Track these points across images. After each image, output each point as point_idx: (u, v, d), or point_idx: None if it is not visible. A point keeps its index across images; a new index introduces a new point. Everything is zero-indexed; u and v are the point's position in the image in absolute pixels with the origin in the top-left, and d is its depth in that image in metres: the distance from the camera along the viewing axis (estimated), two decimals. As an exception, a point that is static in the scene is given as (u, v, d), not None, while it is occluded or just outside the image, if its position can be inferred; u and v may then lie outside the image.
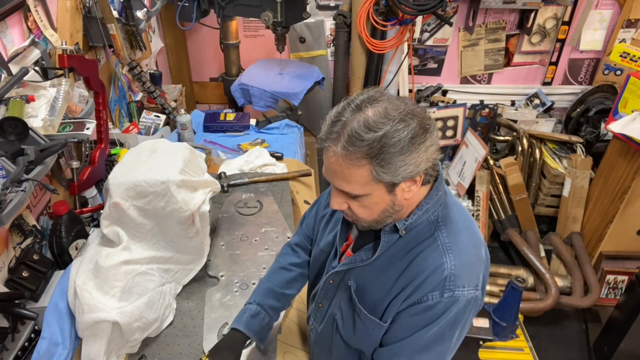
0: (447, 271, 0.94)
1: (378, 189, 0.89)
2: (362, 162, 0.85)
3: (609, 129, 2.54)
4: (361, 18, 2.75)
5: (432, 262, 0.95)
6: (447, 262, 0.94)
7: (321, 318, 1.20)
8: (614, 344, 2.44)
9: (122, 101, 2.38)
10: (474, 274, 0.97)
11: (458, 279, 0.94)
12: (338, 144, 0.86)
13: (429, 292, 0.94)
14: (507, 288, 2.36)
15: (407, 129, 0.84)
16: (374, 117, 0.84)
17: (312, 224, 1.31)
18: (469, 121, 3.34)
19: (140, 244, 1.42)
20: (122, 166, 1.45)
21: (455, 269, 0.94)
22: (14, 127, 1.28)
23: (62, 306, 1.35)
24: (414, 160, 0.85)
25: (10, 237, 1.43)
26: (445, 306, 0.94)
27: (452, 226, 0.98)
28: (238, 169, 2.05)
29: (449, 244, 0.96)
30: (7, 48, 1.50)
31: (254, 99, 2.72)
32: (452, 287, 0.93)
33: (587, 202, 2.96)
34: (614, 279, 2.84)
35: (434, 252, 0.96)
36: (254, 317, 1.21)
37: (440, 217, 0.98)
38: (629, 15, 3.04)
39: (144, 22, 2.27)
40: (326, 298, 1.16)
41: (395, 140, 0.83)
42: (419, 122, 0.85)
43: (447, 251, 0.95)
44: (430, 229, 0.98)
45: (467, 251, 0.97)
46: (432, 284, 0.94)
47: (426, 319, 0.96)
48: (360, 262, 1.05)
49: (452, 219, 0.99)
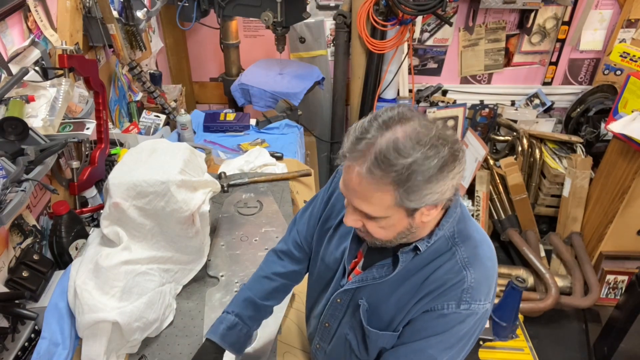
0: (466, 284, 0.92)
1: (398, 212, 0.85)
2: (387, 187, 0.80)
3: (609, 129, 2.54)
4: (361, 18, 2.75)
5: (452, 277, 0.93)
6: (468, 275, 0.93)
7: (329, 338, 1.16)
8: (614, 344, 2.44)
9: (122, 101, 2.38)
10: (490, 287, 0.96)
11: (476, 293, 0.93)
12: (363, 165, 0.80)
13: (445, 301, 0.93)
14: (507, 288, 2.36)
15: (437, 157, 0.78)
16: (404, 142, 0.78)
17: (304, 231, 1.24)
18: (469, 121, 3.34)
19: (140, 244, 1.42)
20: (122, 166, 1.45)
21: (475, 282, 0.93)
22: (14, 127, 1.28)
23: (62, 306, 1.34)
24: (441, 188, 0.81)
25: (10, 237, 1.43)
26: (459, 317, 0.93)
27: (469, 241, 0.96)
28: (238, 169, 2.05)
29: (467, 259, 0.94)
30: (7, 48, 1.50)
31: (254, 99, 2.72)
32: (470, 300, 0.92)
33: (587, 202, 2.96)
34: (614, 279, 2.84)
35: (454, 267, 0.94)
36: (230, 329, 1.18)
37: (456, 232, 0.96)
38: (629, 15, 3.04)
39: (144, 22, 2.27)
40: (334, 317, 1.12)
41: (424, 168, 0.78)
42: (450, 149, 0.80)
43: (467, 266, 0.93)
44: (447, 245, 0.95)
45: (486, 265, 0.96)
46: (450, 295, 0.93)
47: (436, 327, 0.95)
48: (372, 280, 1.01)
49: (468, 233, 0.97)
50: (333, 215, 1.14)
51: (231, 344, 1.18)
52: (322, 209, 1.17)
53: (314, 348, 1.24)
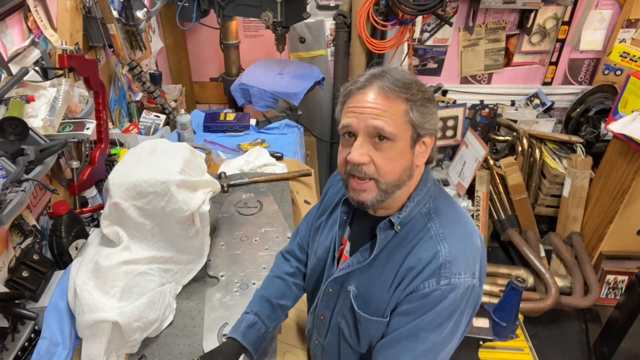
0: (442, 259, 0.94)
1: (405, 137, 0.92)
2: (400, 100, 0.91)
3: (609, 129, 2.54)
4: (361, 18, 2.75)
5: (427, 252, 0.95)
6: (442, 250, 0.94)
7: (325, 331, 1.18)
8: (614, 344, 2.44)
9: (122, 101, 2.38)
10: (470, 261, 0.96)
11: (454, 266, 0.93)
12: (376, 85, 0.92)
13: (425, 280, 0.94)
14: (507, 288, 2.36)
15: (426, 87, 0.97)
16: (404, 73, 0.95)
17: (303, 232, 1.31)
18: (469, 121, 3.34)
19: (140, 244, 1.42)
20: (122, 166, 1.45)
21: (450, 256, 0.94)
22: (14, 127, 1.28)
23: (62, 306, 1.34)
24: (434, 116, 0.95)
25: (10, 237, 1.43)
26: (442, 294, 0.93)
27: (444, 217, 0.99)
28: (238, 169, 2.05)
29: (442, 234, 0.97)
30: (7, 48, 1.50)
31: (254, 99, 2.72)
32: (448, 275, 0.93)
33: (587, 202, 2.95)
34: (614, 279, 2.84)
35: (428, 242, 0.96)
36: (250, 327, 1.22)
37: (432, 208, 1.00)
38: (629, 15, 3.04)
39: (144, 22, 2.27)
40: (327, 308, 1.15)
41: (426, 88, 0.95)
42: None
43: (441, 240, 0.96)
44: (423, 221, 0.99)
45: (461, 240, 0.97)
46: (428, 273, 0.94)
47: (422, 307, 0.95)
48: (357, 264, 1.05)
49: (443, 210, 1.01)
50: (325, 211, 1.20)
51: (251, 343, 1.21)
52: (317, 208, 1.26)
53: (312, 345, 1.26)
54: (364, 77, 0.95)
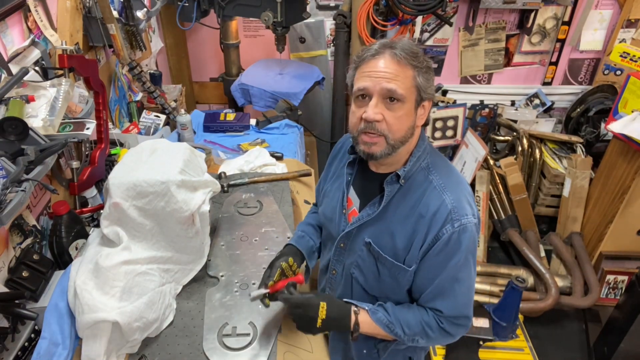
0: (449, 206, 1.09)
1: (411, 99, 1.07)
2: (409, 67, 1.05)
3: (609, 129, 2.54)
4: (361, 18, 2.75)
5: (434, 202, 1.10)
6: (447, 198, 1.10)
7: (337, 284, 1.33)
8: (614, 344, 2.44)
9: (122, 101, 2.38)
10: (469, 204, 1.13)
11: (460, 209, 1.09)
12: (393, 50, 1.05)
13: (442, 227, 1.09)
14: (507, 288, 2.36)
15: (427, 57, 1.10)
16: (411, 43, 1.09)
17: (319, 196, 1.45)
18: (469, 121, 3.34)
19: (140, 244, 1.42)
20: (122, 166, 1.44)
21: (455, 202, 1.10)
22: (14, 127, 1.28)
23: (62, 306, 1.34)
24: (433, 84, 1.10)
25: (10, 237, 1.43)
26: (459, 235, 1.09)
27: (441, 170, 1.15)
28: (238, 169, 2.05)
29: (443, 184, 1.12)
30: (7, 48, 1.50)
31: (254, 99, 2.72)
32: (458, 217, 1.09)
33: (587, 202, 2.95)
34: (614, 279, 2.84)
35: (433, 192, 1.12)
36: (301, 238, 1.41)
37: (430, 163, 1.16)
38: (629, 15, 3.04)
39: (144, 22, 2.27)
40: (339, 263, 1.29)
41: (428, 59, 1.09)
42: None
43: (444, 190, 1.12)
44: (424, 175, 1.15)
45: (458, 187, 1.14)
46: (441, 220, 1.09)
47: (449, 252, 1.11)
48: (367, 216, 1.18)
49: (438, 164, 1.17)
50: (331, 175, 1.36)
51: (303, 248, 1.39)
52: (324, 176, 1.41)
53: None
54: (376, 45, 1.07)
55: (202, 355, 1.31)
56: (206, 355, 1.30)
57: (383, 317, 1.19)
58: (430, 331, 1.19)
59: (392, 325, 1.19)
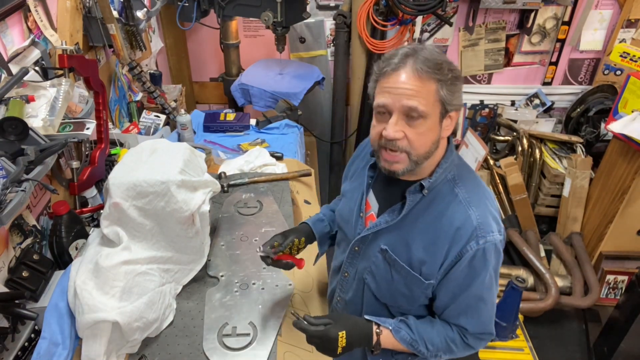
0: (475, 222, 1.05)
1: (435, 114, 1.01)
2: (432, 80, 0.98)
3: (609, 129, 2.54)
4: (361, 18, 2.75)
5: (459, 217, 1.06)
6: (472, 214, 1.06)
7: (348, 287, 1.29)
8: (614, 344, 2.44)
9: (122, 101, 2.38)
10: (495, 220, 1.09)
11: (486, 226, 1.06)
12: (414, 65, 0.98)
13: (466, 244, 1.05)
14: (507, 288, 2.36)
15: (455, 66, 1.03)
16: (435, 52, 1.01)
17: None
18: (469, 121, 3.34)
19: (140, 244, 1.42)
20: (122, 166, 1.45)
21: (481, 218, 1.06)
22: (14, 127, 1.28)
23: (62, 306, 1.34)
24: (461, 91, 1.03)
25: (10, 237, 1.43)
26: (484, 252, 1.05)
27: (467, 183, 1.11)
28: (238, 169, 2.05)
29: (469, 199, 1.08)
30: (7, 48, 1.50)
31: (254, 99, 2.72)
32: (484, 234, 1.05)
33: (587, 202, 2.95)
34: (614, 279, 2.84)
35: (458, 207, 1.07)
36: (319, 221, 1.42)
37: (456, 175, 1.11)
38: (629, 15, 3.04)
39: (144, 22, 2.27)
40: (352, 266, 1.26)
41: (454, 68, 1.02)
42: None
43: (469, 205, 1.07)
44: (449, 187, 1.10)
45: (484, 203, 1.09)
46: (466, 236, 1.05)
47: (474, 270, 1.07)
48: (385, 223, 1.14)
49: (465, 176, 1.12)
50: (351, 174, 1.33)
51: (317, 231, 1.40)
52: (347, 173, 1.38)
53: (334, 302, 1.37)
54: (397, 58, 1.01)
55: (202, 355, 1.31)
56: (206, 355, 1.30)
57: (406, 336, 1.16)
58: (454, 347, 1.18)
59: (415, 344, 1.16)
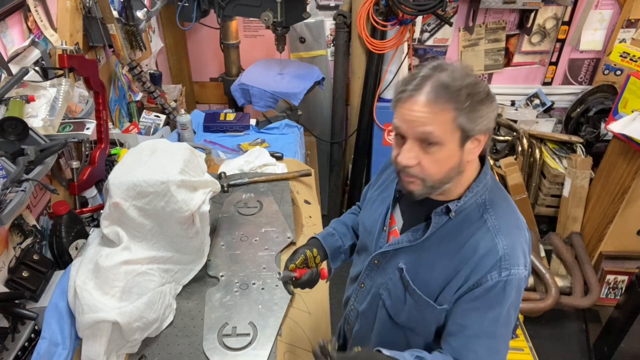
0: (501, 252, 0.98)
1: (453, 140, 0.94)
2: (448, 107, 0.91)
3: (609, 129, 2.54)
4: (361, 18, 2.75)
5: (485, 245, 1.00)
6: (499, 243, 0.99)
7: (363, 298, 1.24)
8: (614, 344, 2.44)
9: (122, 101, 2.38)
10: (523, 253, 1.02)
11: (512, 258, 0.99)
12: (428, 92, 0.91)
13: (487, 273, 0.99)
14: (507, 288, 2.35)
15: (483, 85, 0.94)
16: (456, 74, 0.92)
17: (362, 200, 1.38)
18: (469, 121, 3.33)
19: (141, 244, 1.42)
20: (122, 166, 1.45)
21: (508, 248, 0.99)
22: (14, 127, 1.29)
23: (62, 306, 1.35)
24: (489, 114, 0.94)
25: (10, 237, 1.43)
26: (505, 285, 0.98)
27: (498, 210, 1.04)
28: (238, 169, 2.05)
29: (498, 227, 1.01)
30: (7, 48, 1.50)
31: (254, 99, 2.72)
32: (508, 266, 0.98)
33: (587, 202, 2.95)
34: (614, 279, 2.84)
35: (485, 235, 1.01)
36: (330, 236, 1.37)
37: (488, 200, 1.04)
38: (629, 15, 3.04)
39: (144, 22, 2.27)
40: (369, 278, 1.21)
41: (477, 91, 0.92)
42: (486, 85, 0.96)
43: (498, 233, 1.00)
44: (478, 212, 1.03)
45: (515, 233, 1.02)
46: (489, 265, 0.99)
47: (489, 303, 1.00)
48: (408, 242, 1.09)
49: (497, 202, 1.05)
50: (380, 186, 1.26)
51: (328, 246, 1.34)
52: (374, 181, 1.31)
53: (347, 310, 1.33)
54: (415, 81, 0.95)
55: (202, 355, 1.31)
56: (206, 355, 1.30)
57: None
58: None
59: None
